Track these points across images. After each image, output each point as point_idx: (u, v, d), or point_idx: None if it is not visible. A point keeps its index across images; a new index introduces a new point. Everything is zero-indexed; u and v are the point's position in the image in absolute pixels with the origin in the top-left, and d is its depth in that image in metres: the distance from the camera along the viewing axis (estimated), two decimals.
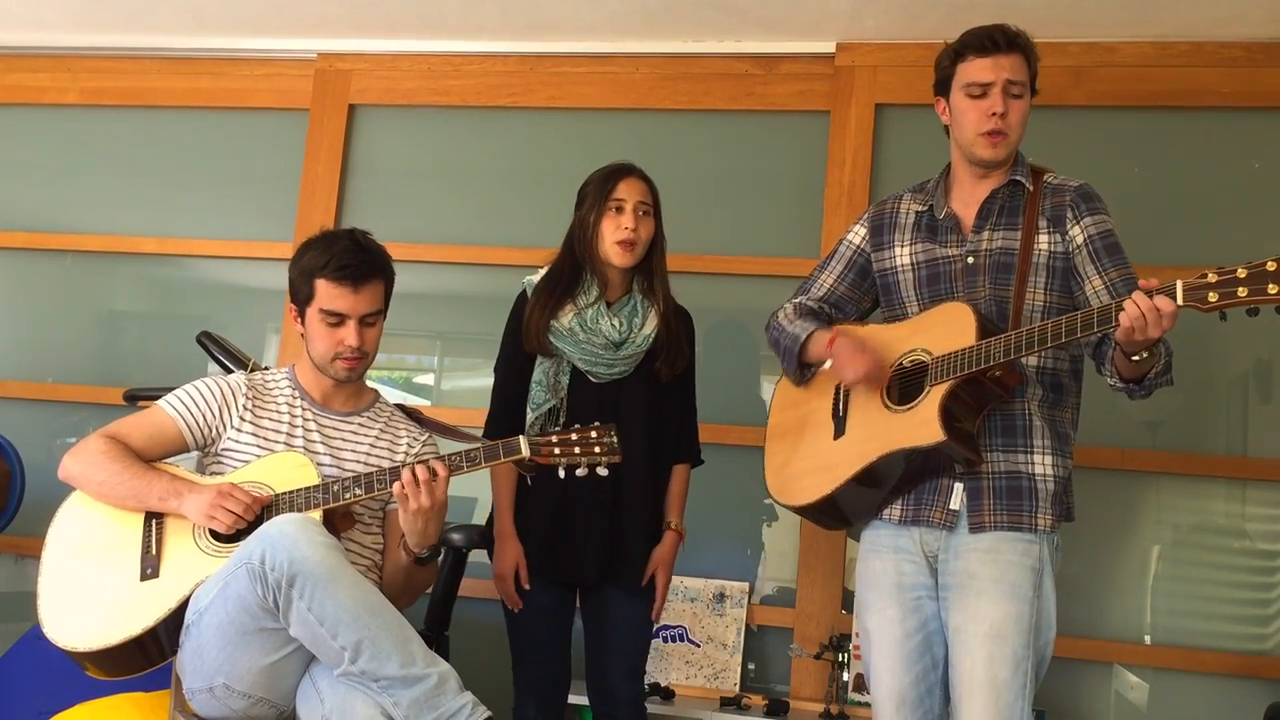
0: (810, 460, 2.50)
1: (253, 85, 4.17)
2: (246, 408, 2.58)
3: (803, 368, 2.58)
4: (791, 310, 2.63)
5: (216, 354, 3.26)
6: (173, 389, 2.62)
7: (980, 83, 2.39)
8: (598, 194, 2.78)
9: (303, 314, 2.59)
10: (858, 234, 2.63)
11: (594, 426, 2.44)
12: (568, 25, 3.80)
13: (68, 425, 4.13)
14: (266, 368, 2.91)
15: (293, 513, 2.35)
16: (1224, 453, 3.42)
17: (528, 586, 2.73)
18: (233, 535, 2.38)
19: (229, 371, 3.01)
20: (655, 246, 2.82)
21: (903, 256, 2.52)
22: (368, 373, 2.71)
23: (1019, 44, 2.40)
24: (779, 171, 3.80)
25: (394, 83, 4.07)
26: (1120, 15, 3.44)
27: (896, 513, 2.43)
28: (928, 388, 2.32)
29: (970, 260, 2.43)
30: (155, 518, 2.46)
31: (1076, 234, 2.38)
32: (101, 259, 4.24)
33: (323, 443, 2.59)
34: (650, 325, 2.78)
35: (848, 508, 2.48)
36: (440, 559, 3.08)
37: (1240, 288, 1.96)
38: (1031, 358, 2.35)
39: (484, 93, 4.00)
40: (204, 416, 2.56)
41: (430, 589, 2.97)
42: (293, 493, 2.43)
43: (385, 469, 2.45)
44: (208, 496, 2.38)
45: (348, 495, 2.42)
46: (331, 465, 2.57)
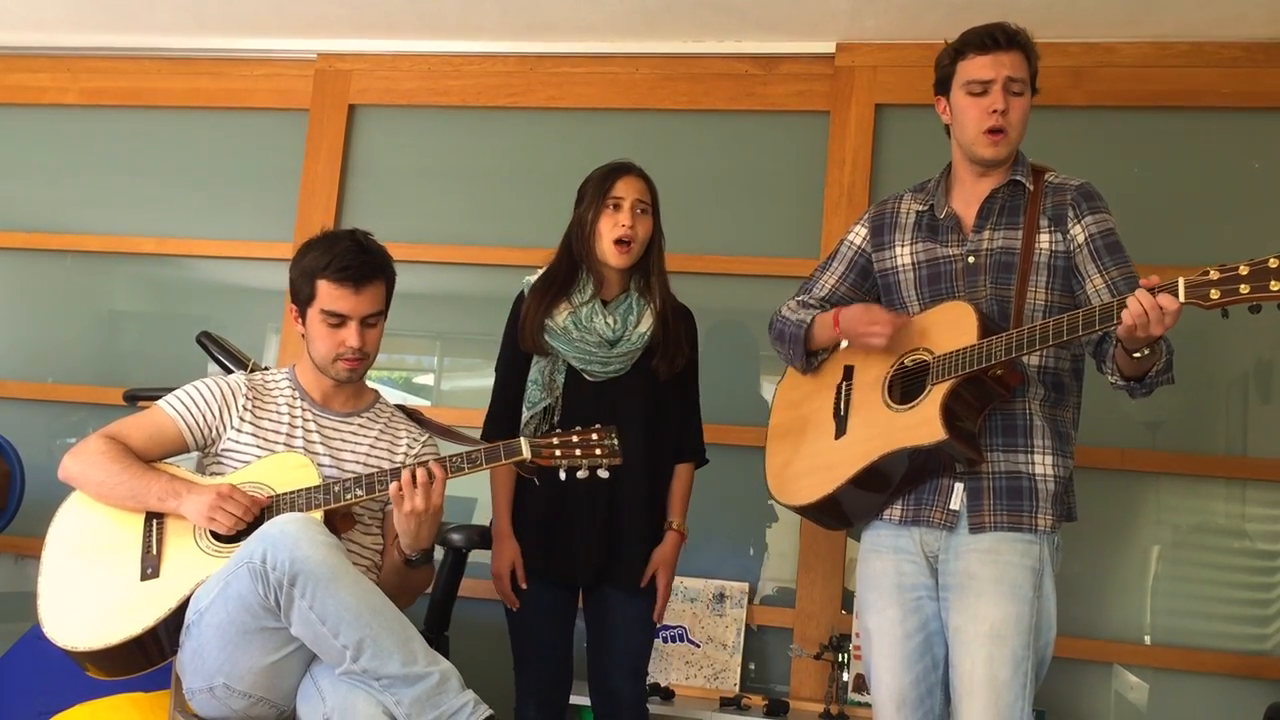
0: (811, 460, 2.50)
1: (252, 85, 4.17)
2: (246, 408, 2.58)
3: (809, 356, 2.58)
4: (795, 304, 2.64)
5: (216, 354, 3.26)
6: (173, 389, 2.61)
7: (981, 80, 2.39)
8: (596, 192, 2.78)
9: (303, 314, 2.59)
10: (858, 234, 2.63)
11: (595, 429, 2.44)
12: (568, 25, 3.80)
13: (68, 425, 4.13)
14: (266, 368, 2.91)
15: (294, 513, 2.35)
16: (1224, 453, 3.42)
17: (525, 586, 2.73)
18: (233, 535, 2.38)
19: (229, 372, 3.00)
20: (653, 245, 2.81)
21: (903, 256, 2.52)
22: (368, 373, 2.71)
23: (1019, 42, 2.40)
24: (779, 172, 3.80)
25: (394, 83, 4.07)
26: (1120, 15, 3.44)
27: (897, 513, 2.43)
28: (929, 387, 2.31)
29: (971, 260, 2.43)
30: (155, 518, 2.46)
31: (1078, 233, 2.38)
32: (101, 259, 4.24)
33: (323, 443, 2.59)
34: (645, 323, 2.77)
35: (849, 508, 2.48)
36: (439, 560, 3.09)
37: (1243, 284, 1.96)
38: (1033, 357, 2.35)
39: (484, 93, 4.00)
40: (204, 417, 2.55)
41: (430, 589, 2.97)
42: (293, 493, 2.43)
43: (385, 470, 2.45)
44: (207, 497, 2.38)
45: (348, 496, 2.42)
46: (331, 466, 2.57)
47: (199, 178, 4.19)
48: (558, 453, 2.42)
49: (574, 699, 2.85)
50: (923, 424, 2.29)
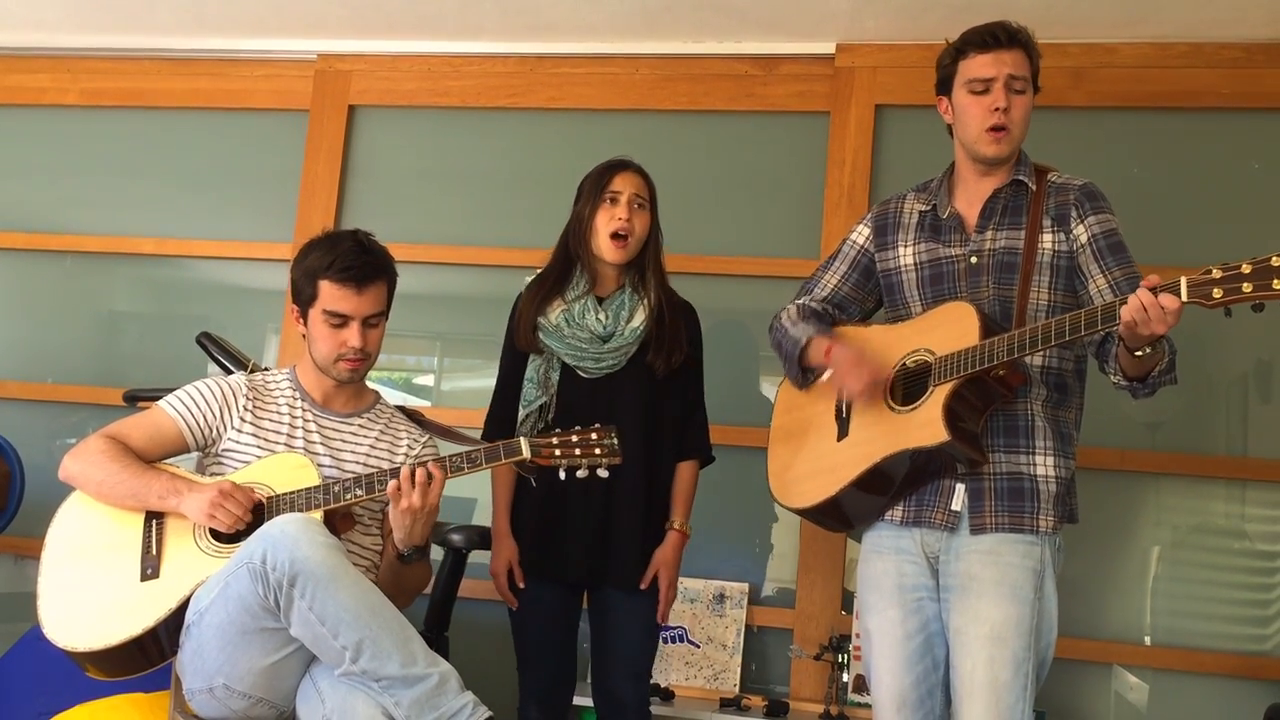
0: (813, 462, 2.50)
1: (252, 86, 4.17)
2: (247, 408, 2.58)
3: (804, 371, 2.57)
4: (795, 312, 2.61)
5: (216, 355, 3.26)
6: (172, 390, 2.62)
7: (982, 78, 2.39)
8: (594, 187, 2.78)
9: (305, 315, 2.59)
10: (861, 234, 2.62)
11: (594, 428, 2.44)
12: (567, 26, 3.80)
13: (67, 426, 4.13)
14: (266, 368, 2.91)
15: (294, 513, 2.35)
16: (1224, 453, 3.42)
17: (522, 585, 2.73)
18: (233, 536, 2.38)
19: (229, 372, 3.00)
20: (650, 242, 2.80)
21: (906, 256, 2.52)
22: (368, 374, 2.71)
23: (1020, 40, 2.40)
24: (779, 172, 3.80)
25: (394, 84, 4.07)
26: (1120, 16, 3.44)
27: (898, 514, 2.42)
28: (931, 388, 2.31)
29: (974, 260, 2.42)
30: (155, 518, 2.46)
31: (1080, 233, 2.38)
32: (101, 260, 4.23)
33: (323, 443, 2.59)
34: (638, 319, 2.75)
35: (851, 510, 2.48)
36: (439, 561, 3.09)
37: (1245, 283, 1.95)
38: (1036, 357, 2.34)
39: (484, 94, 4.00)
40: (204, 417, 2.55)
41: (430, 590, 2.97)
42: (293, 493, 2.43)
43: (385, 470, 2.45)
44: (208, 495, 2.38)
45: (348, 496, 2.42)
46: (332, 466, 2.57)
47: (199, 178, 4.19)
48: (557, 452, 2.42)
49: (577, 700, 2.83)
50: (925, 425, 2.28)
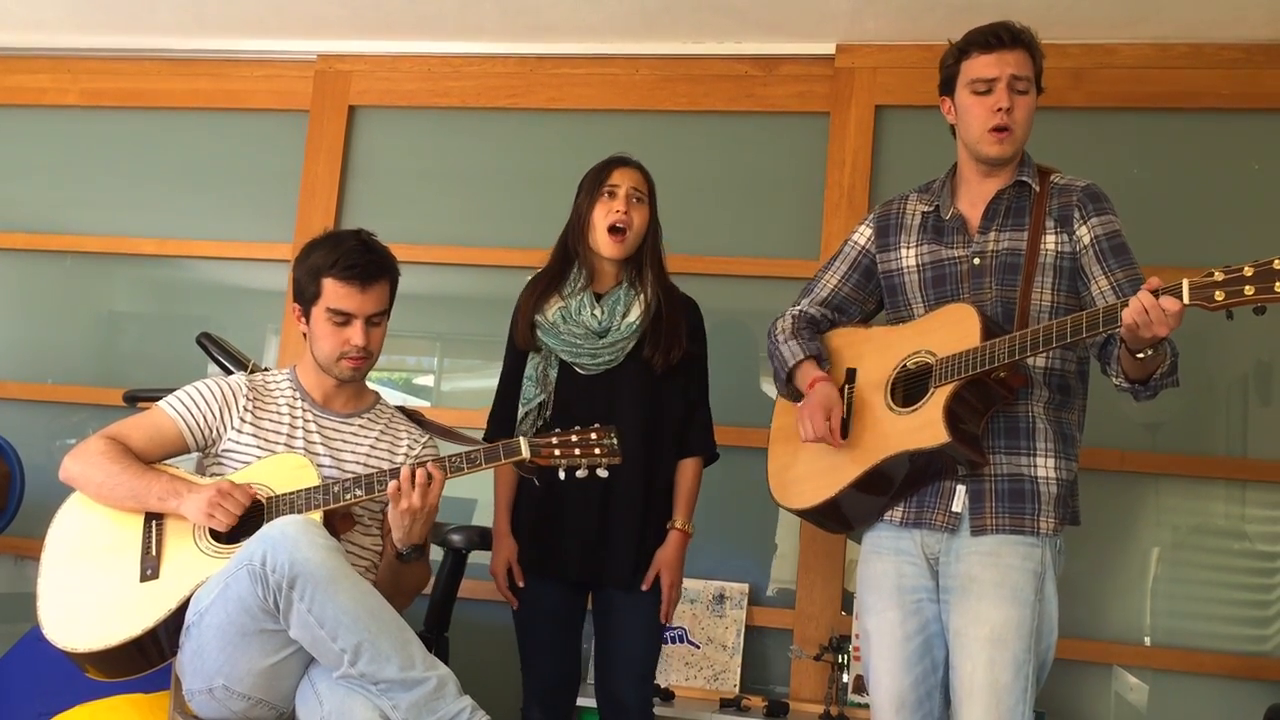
0: (813, 463, 2.49)
1: (252, 86, 4.17)
2: (247, 409, 2.58)
3: (792, 389, 2.57)
4: (790, 326, 2.60)
5: (216, 355, 3.26)
6: (172, 390, 2.62)
7: (985, 78, 2.38)
8: (592, 182, 2.78)
9: (308, 313, 2.59)
10: (863, 234, 2.62)
11: (594, 428, 2.44)
12: (567, 26, 3.80)
13: (67, 426, 4.13)
14: (267, 369, 2.91)
15: (294, 514, 2.35)
16: (1224, 454, 3.42)
17: (522, 584, 2.72)
18: (233, 537, 2.38)
19: (229, 373, 3.00)
20: (648, 237, 2.79)
21: (908, 258, 2.51)
22: (368, 374, 2.71)
23: (1023, 40, 2.40)
24: (779, 173, 3.80)
25: (394, 84, 4.07)
26: (1120, 17, 3.44)
27: (898, 515, 2.42)
28: (932, 389, 2.31)
29: (976, 261, 2.42)
30: (155, 519, 2.46)
31: (1084, 234, 2.37)
32: (101, 260, 4.23)
33: (323, 444, 2.59)
34: (634, 313, 2.73)
35: (850, 511, 2.48)
36: (439, 561, 3.09)
37: (1247, 286, 1.95)
38: (1038, 359, 2.34)
39: (484, 94, 4.00)
40: (204, 418, 2.55)
41: (430, 590, 2.97)
42: (293, 494, 2.43)
43: (385, 470, 2.45)
44: (207, 494, 2.38)
45: (348, 496, 2.42)
46: (332, 466, 2.57)
47: (199, 179, 4.19)
48: (557, 452, 2.42)
49: (581, 701, 2.81)
50: (925, 427, 2.28)
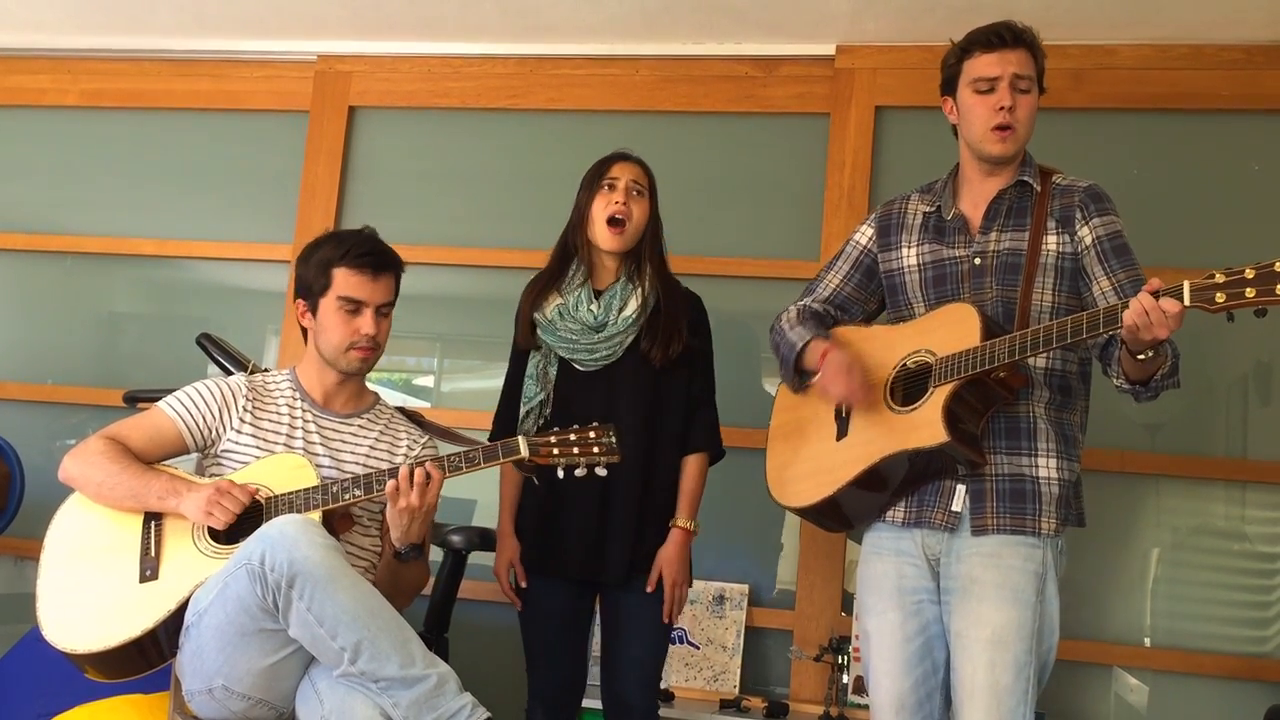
0: (812, 462, 2.49)
1: (252, 87, 4.17)
2: (246, 409, 2.58)
3: (800, 374, 2.57)
4: (795, 315, 2.61)
5: (216, 356, 3.26)
6: (172, 391, 2.62)
7: (987, 77, 2.38)
8: (593, 176, 2.78)
9: (315, 307, 2.59)
10: (865, 234, 2.62)
11: (593, 426, 2.44)
12: (567, 27, 3.80)
13: (67, 427, 4.13)
14: (266, 369, 2.91)
15: (293, 514, 2.35)
16: (1223, 455, 3.41)
17: (524, 584, 2.71)
18: (232, 537, 2.38)
19: (229, 373, 3.00)
20: (648, 232, 2.78)
21: (909, 257, 2.51)
22: (367, 375, 2.71)
23: (1025, 40, 2.40)
24: (778, 174, 3.80)
25: (394, 85, 4.07)
26: (1120, 18, 3.44)
27: (899, 515, 2.42)
28: (931, 389, 2.31)
29: (977, 261, 2.42)
30: (154, 519, 2.46)
31: (1085, 235, 2.37)
32: (101, 261, 4.23)
33: (322, 444, 2.59)
34: (631, 307, 2.72)
35: (849, 510, 2.47)
36: (439, 562, 3.09)
37: (1248, 288, 1.95)
38: (1039, 360, 2.34)
39: (483, 95, 4.00)
40: (204, 418, 2.56)
41: (429, 591, 2.97)
42: (291, 494, 2.43)
43: (384, 470, 2.45)
44: (206, 493, 2.38)
45: (347, 496, 2.42)
46: (331, 467, 2.57)
47: (199, 179, 4.19)
48: (555, 451, 2.42)
49: (588, 702, 2.79)
50: (924, 426, 2.28)
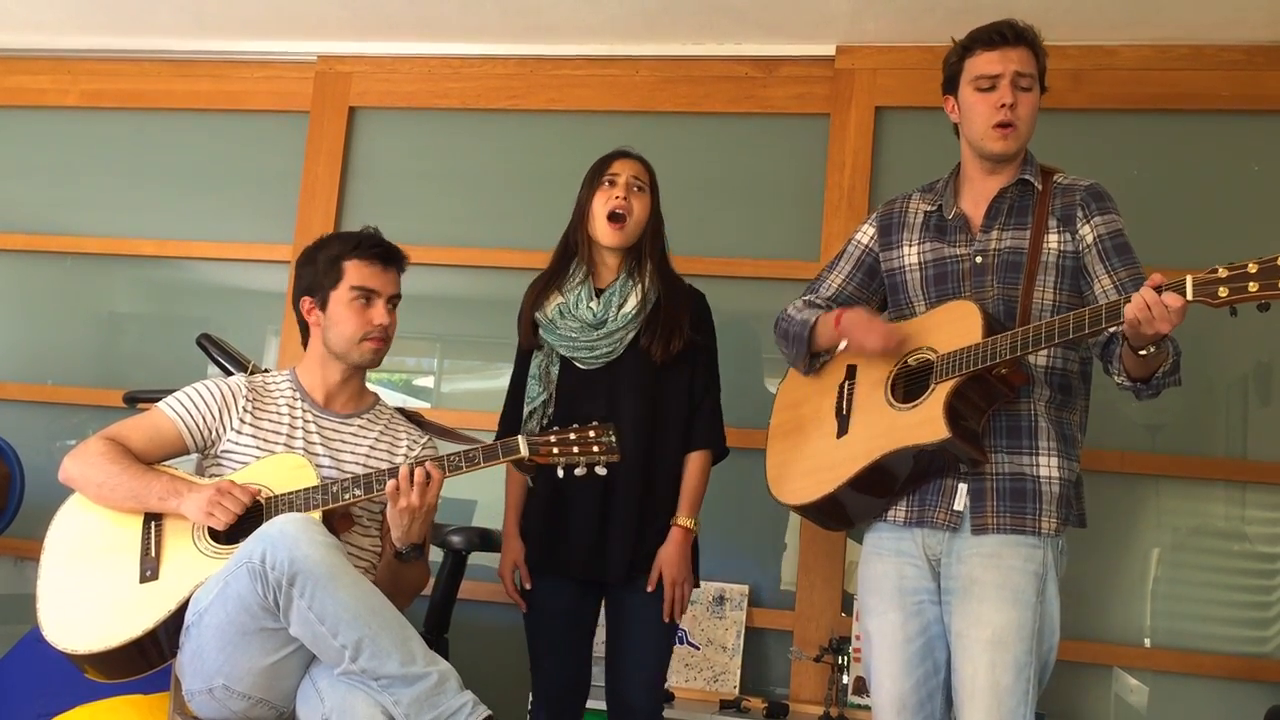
0: (813, 459, 2.49)
1: (253, 88, 4.17)
2: (247, 410, 2.58)
3: (812, 356, 2.56)
4: (801, 304, 2.62)
5: (216, 356, 3.26)
6: (172, 391, 2.62)
7: (989, 75, 2.39)
8: (594, 173, 2.78)
9: (325, 302, 2.60)
10: (866, 233, 2.62)
11: (592, 426, 2.44)
12: (568, 27, 3.80)
13: (67, 427, 4.13)
14: (266, 370, 2.91)
15: (293, 513, 2.35)
16: (1224, 455, 3.42)
17: (528, 586, 2.71)
18: (232, 537, 2.38)
19: (229, 374, 3.00)
20: (648, 228, 2.77)
21: (910, 256, 2.51)
22: (367, 375, 2.71)
23: (1027, 38, 2.41)
24: (778, 174, 3.80)
25: (394, 85, 4.07)
26: (1120, 18, 3.44)
27: (900, 514, 2.41)
28: (933, 385, 2.30)
29: (978, 260, 2.42)
30: (154, 520, 2.46)
31: (1086, 233, 2.37)
32: (101, 261, 4.23)
33: (322, 444, 2.59)
34: (631, 303, 2.70)
35: (850, 508, 2.47)
36: (439, 562, 3.09)
37: (1251, 282, 1.95)
38: (1040, 358, 2.34)
39: (484, 95, 4.00)
40: (204, 419, 2.56)
41: (430, 591, 2.96)
42: (291, 494, 2.43)
43: (384, 470, 2.45)
44: (207, 494, 2.38)
45: (347, 496, 2.42)
46: (331, 467, 2.57)
47: (199, 180, 4.19)
48: (555, 451, 2.42)
49: (592, 703, 2.78)
50: (926, 423, 2.28)
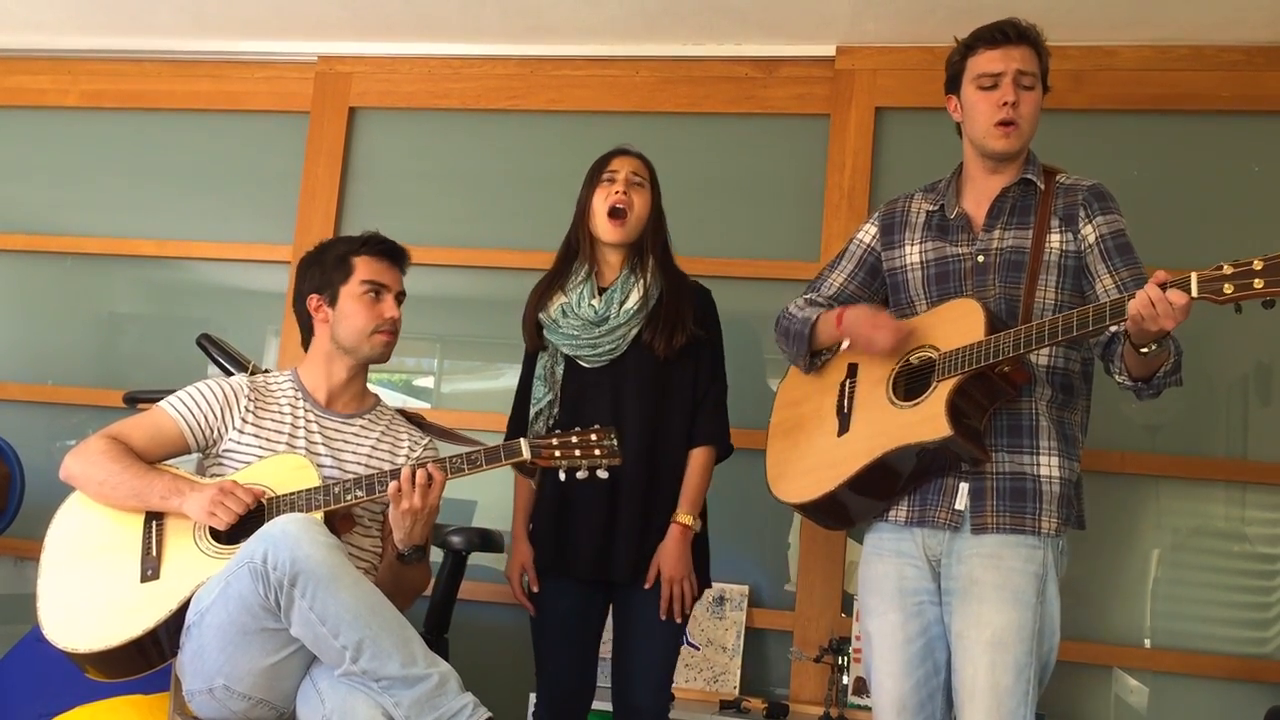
0: (814, 457, 2.49)
1: (253, 88, 4.17)
2: (249, 409, 2.58)
3: (813, 355, 2.56)
4: (803, 302, 2.62)
5: (216, 356, 3.26)
6: (172, 392, 2.62)
7: (991, 73, 2.39)
8: (594, 172, 2.79)
9: (334, 298, 2.62)
10: (868, 232, 2.62)
11: (594, 429, 2.44)
12: (568, 28, 3.80)
13: (67, 428, 4.13)
14: (267, 370, 2.91)
15: (295, 513, 2.35)
16: (1224, 456, 3.42)
17: (535, 589, 2.70)
18: (233, 537, 2.38)
19: (229, 374, 3.00)
20: (649, 224, 2.77)
21: (912, 255, 2.51)
22: (368, 375, 2.72)
23: (1029, 37, 2.41)
24: (779, 175, 3.80)
25: (394, 86, 4.07)
26: (1120, 19, 3.44)
27: (901, 514, 2.41)
28: (935, 383, 2.30)
29: (980, 259, 2.42)
30: (155, 519, 2.46)
31: (1089, 233, 2.37)
32: (101, 261, 4.23)
33: (324, 444, 2.60)
34: (633, 299, 2.70)
35: (851, 506, 2.47)
36: (439, 563, 3.09)
37: (1257, 279, 1.95)
38: (1042, 357, 2.34)
39: (484, 96, 4.00)
40: (206, 418, 2.56)
41: (430, 591, 2.96)
42: (293, 494, 2.43)
43: (385, 471, 2.45)
44: (209, 493, 2.38)
45: (348, 497, 2.42)
46: (333, 467, 2.57)
47: (199, 180, 4.19)
48: (557, 453, 2.43)
49: (598, 704, 2.77)
50: (927, 420, 2.27)
